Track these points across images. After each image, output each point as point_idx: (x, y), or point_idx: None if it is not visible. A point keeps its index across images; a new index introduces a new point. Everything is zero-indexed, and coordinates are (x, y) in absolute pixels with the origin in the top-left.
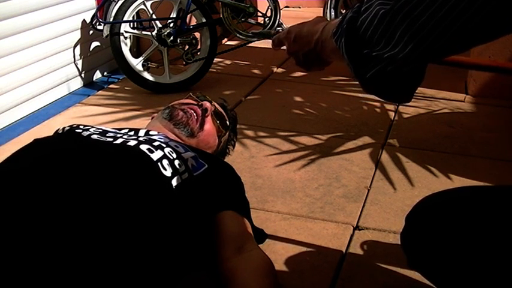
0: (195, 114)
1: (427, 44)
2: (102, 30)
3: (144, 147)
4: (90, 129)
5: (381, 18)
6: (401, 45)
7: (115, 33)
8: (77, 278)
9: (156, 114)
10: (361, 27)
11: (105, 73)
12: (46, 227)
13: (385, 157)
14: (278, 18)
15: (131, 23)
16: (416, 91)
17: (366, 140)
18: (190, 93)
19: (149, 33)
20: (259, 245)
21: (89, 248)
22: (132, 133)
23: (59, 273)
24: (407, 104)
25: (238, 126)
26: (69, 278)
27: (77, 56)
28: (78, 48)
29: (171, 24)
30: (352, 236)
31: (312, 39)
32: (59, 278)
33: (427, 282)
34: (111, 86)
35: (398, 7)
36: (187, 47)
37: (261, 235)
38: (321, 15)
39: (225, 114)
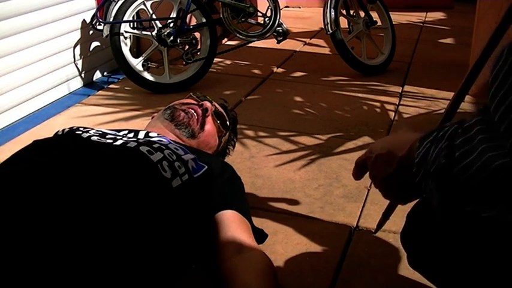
0: (195, 114)
1: None
2: (102, 30)
3: (144, 148)
4: (90, 131)
5: (496, 172)
6: None
7: (115, 33)
8: (77, 279)
9: (156, 114)
10: (461, 178)
11: (105, 73)
12: (46, 228)
13: None
14: (278, 18)
15: (131, 23)
16: (417, 91)
17: (366, 140)
18: (191, 93)
19: (149, 33)
20: (259, 245)
21: (89, 248)
22: (131, 135)
23: (59, 275)
24: (407, 104)
25: (238, 126)
26: (69, 278)
27: (77, 56)
28: (78, 48)
29: (171, 24)
30: (352, 236)
31: (395, 159)
32: (59, 279)
33: (427, 282)
34: (111, 86)
35: None
36: (187, 47)
37: (261, 235)
38: (321, 15)
39: (225, 114)
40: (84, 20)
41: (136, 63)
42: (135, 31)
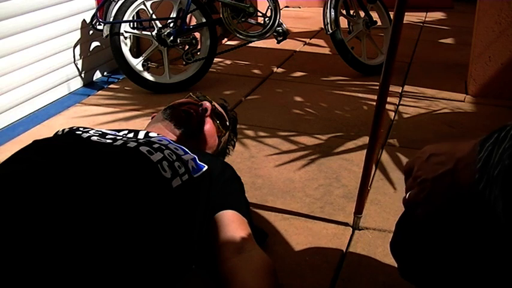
0: (195, 114)
1: None
2: (102, 30)
3: (143, 148)
4: (89, 131)
5: None
6: None
7: (115, 33)
8: (77, 278)
9: (156, 114)
10: None
11: (105, 73)
12: (45, 228)
13: (385, 157)
14: (278, 18)
15: (131, 23)
16: (417, 91)
17: (366, 140)
18: (190, 93)
19: (149, 33)
20: (259, 245)
21: (88, 249)
22: (131, 135)
23: (59, 275)
24: (407, 104)
25: (238, 126)
26: (69, 278)
27: (77, 56)
28: (78, 48)
29: (171, 24)
30: (352, 236)
31: (451, 160)
32: (59, 279)
33: None
34: (111, 86)
35: None
36: (187, 47)
37: (261, 235)
38: (321, 15)
39: (225, 114)
40: (84, 20)
41: (136, 63)
42: (135, 31)
